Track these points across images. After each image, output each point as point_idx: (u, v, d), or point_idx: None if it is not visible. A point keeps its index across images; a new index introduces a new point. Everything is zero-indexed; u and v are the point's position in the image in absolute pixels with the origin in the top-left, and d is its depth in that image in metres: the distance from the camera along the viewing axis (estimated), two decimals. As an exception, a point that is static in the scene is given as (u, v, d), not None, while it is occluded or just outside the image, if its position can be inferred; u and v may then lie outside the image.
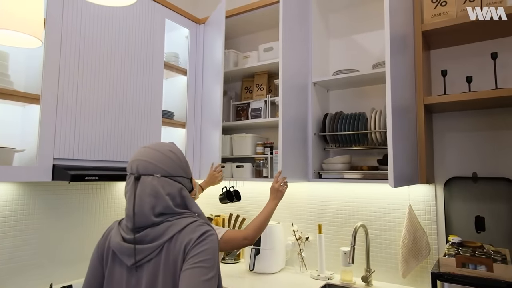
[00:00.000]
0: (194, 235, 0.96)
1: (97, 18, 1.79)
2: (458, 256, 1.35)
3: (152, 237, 0.97)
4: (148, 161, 1.03)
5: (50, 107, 1.58)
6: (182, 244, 0.95)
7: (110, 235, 1.06)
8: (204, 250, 0.94)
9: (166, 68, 2.19)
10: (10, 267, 1.68)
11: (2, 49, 1.59)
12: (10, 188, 1.71)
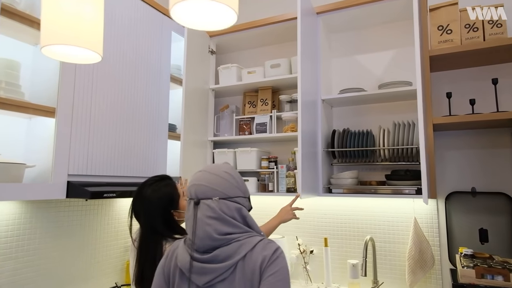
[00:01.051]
0: (267, 253, 0.97)
1: (109, 32, 1.73)
2: (478, 268, 1.44)
3: (224, 256, 0.97)
4: (205, 185, 1.03)
5: (66, 121, 1.50)
6: (257, 262, 0.95)
7: (176, 254, 1.04)
8: (280, 268, 0.96)
9: (171, 81, 2.15)
10: (14, 293, 1.55)
11: (13, 58, 1.49)
12: (13, 206, 1.58)
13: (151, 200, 1.36)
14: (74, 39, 0.82)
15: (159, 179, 1.43)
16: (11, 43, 1.54)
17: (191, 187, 1.05)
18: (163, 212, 1.37)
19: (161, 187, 1.40)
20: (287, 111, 2.33)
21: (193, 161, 2.27)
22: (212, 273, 0.95)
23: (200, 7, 0.70)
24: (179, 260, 1.01)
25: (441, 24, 1.86)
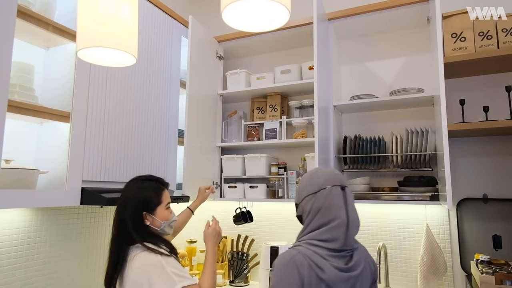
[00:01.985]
0: (371, 259, 1.06)
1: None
2: (497, 274, 1.44)
3: (358, 261, 1.02)
4: (341, 174, 1.15)
5: (80, 126, 1.46)
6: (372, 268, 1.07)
7: (315, 268, 0.97)
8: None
9: (181, 86, 2.13)
10: (24, 304, 1.49)
11: (27, 62, 1.44)
12: (23, 213, 1.52)
13: (127, 198, 1.30)
14: (110, 42, 0.79)
15: (146, 179, 1.36)
16: (22, 46, 1.49)
17: (332, 176, 1.13)
18: (135, 212, 1.28)
19: (142, 186, 1.33)
20: (296, 117, 2.32)
21: (200, 167, 2.24)
22: (360, 281, 1.01)
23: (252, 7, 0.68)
24: (327, 273, 0.96)
25: (454, 32, 1.87)
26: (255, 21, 0.72)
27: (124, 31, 0.83)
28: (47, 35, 1.46)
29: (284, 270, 1.00)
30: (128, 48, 0.82)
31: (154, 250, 1.21)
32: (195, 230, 2.58)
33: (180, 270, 1.22)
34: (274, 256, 2.13)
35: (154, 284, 1.16)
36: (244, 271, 2.35)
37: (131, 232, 1.26)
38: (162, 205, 1.33)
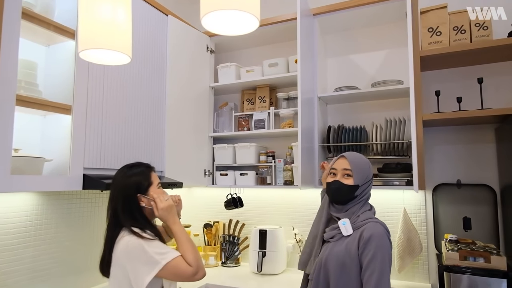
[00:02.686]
0: None
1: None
2: (461, 251, 1.59)
3: None
4: None
5: (81, 118, 1.59)
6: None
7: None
8: None
9: (175, 78, 2.25)
10: (33, 276, 1.65)
11: (30, 59, 1.56)
12: (30, 198, 1.67)
13: (117, 185, 1.36)
14: (108, 44, 0.91)
15: (133, 166, 1.41)
16: (26, 44, 1.61)
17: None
18: (126, 198, 1.33)
19: (131, 173, 1.38)
20: (284, 108, 2.45)
21: (195, 156, 2.38)
22: None
23: (226, 15, 0.81)
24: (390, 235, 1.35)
25: (431, 26, 1.99)
26: (230, 26, 0.85)
27: (119, 34, 0.95)
28: (48, 34, 1.58)
29: (388, 238, 1.27)
30: (123, 49, 0.95)
31: (137, 234, 1.25)
32: (188, 215, 2.74)
33: (163, 248, 1.25)
34: (263, 238, 2.29)
35: (136, 265, 1.21)
36: (235, 253, 2.51)
37: (122, 217, 1.31)
38: (154, 185, 1.39)
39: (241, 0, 0.75)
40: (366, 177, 1.39)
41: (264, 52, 2.67)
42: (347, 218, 1.36)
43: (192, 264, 1.26)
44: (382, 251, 1.22)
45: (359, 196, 1.38)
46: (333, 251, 1.31)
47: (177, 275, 1.24)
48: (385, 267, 1.21)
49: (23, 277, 1.62)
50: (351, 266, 1.25)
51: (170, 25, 2.22)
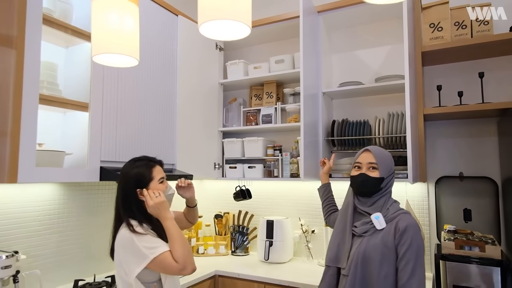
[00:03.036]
0: None
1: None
2: (457, 240, 1.65)
3: None
4: None
5: (97, 115, 1.72)
6: None
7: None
8: None
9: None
10: (57, 260, 1.81)
11: (51, 60, 1.70)
12: (54, 188, 1.82)
13: (122, 175, 1.41)
14: (118, 48, 1.02)
15: (137, 159, 1.45)
16: (47, 47, 1.75)
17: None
18: (126, 189, 1.38)
19: (133, 166, 1.41)
20: (290, 103, 2.53)
21: (205, 149, 2.49)
22: None
23: (222, 23, 0.90)
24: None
25: (432, 22, 2.03)
26: (225, 32, 0.94)
27: (128, 39, 1.06)
28: (67, 37, 1.70)
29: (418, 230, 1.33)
30: (132, 52, 1.06)
31: (130, 228, 1.30)
32: (200, 206, 2.86)
33: (152, 243, 1.28)
34: (270, 229, 2.39)
35: (128, 257, 1.27)
36: (244, 242, 2.62)
37: (121, 210, 1.37)
38: (155, 180, 1.40)
39: (234, 11, 0.84)
40: (390, 170, 1.45)
41: (271, 49, 2.75)
42: (376, 211, 1.40)
43: (178, 261, 1.27)
44: (417, 241, 1.28)
45: (384, 189, 1.43)
46: (369, 244, 1.35)
47: (165, 269, 1.28)
48: (420, 255, 1.27)
49: (48, 260, 1.77)
50: (390, 257, 1.30)
51: (180, 24, 2.32)
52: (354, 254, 1.37)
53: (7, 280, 1.45)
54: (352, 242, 1.43)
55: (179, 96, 2.27)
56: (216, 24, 0.91)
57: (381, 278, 1.29)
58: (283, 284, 2.00)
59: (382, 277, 1.29)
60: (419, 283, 1.24)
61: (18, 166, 1.38)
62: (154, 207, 1.34)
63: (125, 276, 1.30)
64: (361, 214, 1.47)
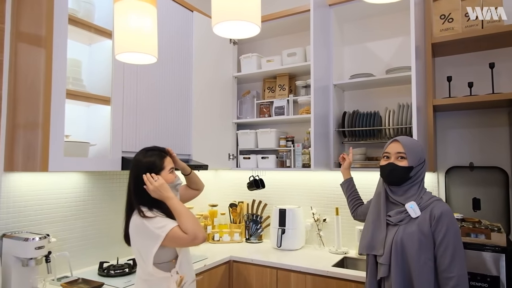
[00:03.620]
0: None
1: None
2: (463, 228, 1.69)
3: None
4: None
5: (118, 108, 1.83)
6: None
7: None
8: None
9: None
10: (83, 244, 1.96)
11: (76, 57, 1.81)
12: (79, 177, 1.95)
13: (134, 163, 1.48)
14: (139, 47, 1.12)
15: (149, 149, 1.52)
16: (71, 44, 1.86)
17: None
18: (136, 178, 1.44)
19: (146, 155, 1.48)
20: (302, 95, 2.59)
21: (219, 141, 2.59)
22: None
23: (233, 23, 0.98)
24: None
25: (443, 13, 2.04)
26: (236, 31, 1.02)
27: (147, 39, 1.15)
28: (90, 35, 1.82)
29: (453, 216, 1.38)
30: (151, 51, 1.15)
31: (141, 213, 1.39)
32: (215, 196, 2.98)
33: (161, 222, 1.36)
34: (282, 217, 2.47)
35: (143, 240, 1.36)
36: (258, 230, 2.72)
37: (132, 195, 1.45)
38: (166, 170, 1.48)
39: (245, 12, 0.91)
40: (419, 159, 1.48)
41: (283, 42, 2.81)
42: (409, 201, 1.43)
43: (188, 232, 1.34)
44: (454, 226, 1.33)
45: (413, 178, 1.47)
46: (406, 233, 1.39)
47: (178, 242, 1.37)
48: (458, 240, 1.32)
49: (75, 244, 1.92)
50: (427, 244, 1.34)
51: (195, 20, 2.41)
52: (391, 243, 1.41)
53: (40, 260, 1.59)
54: (387, 231, 1.46)
55: (195, 89, 2.37)
56: (228, 24, 0.98)
57: (421, 264, 1.33)
58: (294, 269, 2.09)
59: (422, 263, 1.33)
60: (460, 267, 1.28)
61: (49, 156, 1.51)
62: (154, 190, 1.41)
63: (143, 264, 1.39)
64: (393, 203, 1.50)
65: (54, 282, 1.70)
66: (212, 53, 2.55)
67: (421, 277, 1.33)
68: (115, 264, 1.95)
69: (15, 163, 1.61)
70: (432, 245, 1.34)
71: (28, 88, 1.59)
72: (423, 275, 1.33)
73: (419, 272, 1.33)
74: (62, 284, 1.68)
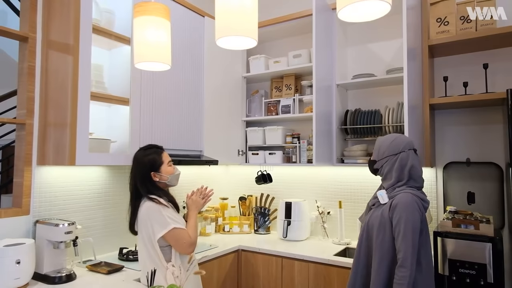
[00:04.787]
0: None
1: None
2: (454, 219, 1.81)
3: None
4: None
5: (136, 108, 2.01)
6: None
7: (422, 201, 1.56)
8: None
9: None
10: (104, 231, 2.16)
11: (98, 62, 2.01)
12: (100, 171, 2.15)
13: (137, 162, 1.68)
14: (155, 57, 1.29)
15: (147, 148, 1.72)
16: (93, 50, 2.05)
17: (408, 142, 1.63)
18: (143, 173, 1.64)
19: (145, 154, 1.68)
20: (308, 94, 2.72)
21: (229, 137, 2.76)
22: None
23: (234, 37, 1.14)
24: (426, 202, 1.58)
25: (439, 17, 2.15)
26: (237, 43, 1.18)
27: (162, 49, 1.32)
28: (110, 42, 2.00)
29: (414, 206, 1.51)
30: (165, 60, 1.32)
31: (154, 200, 1.59)
32: (226, 189, 3.15)
33: (175, 216, 1.58)
34: (288, 209, 2.63)
35: (153, 223, 1.54)
36: (266, 223, 2.89)
37: (141, 189, 1.64)
38: (165, 164, 1.69)
39: (243, 28, 1.07)
40: (382, 154, 1.67)
41: (289, 44, 2.95)
42: (383, 190, 1.65)
43: (191, 237, 1.58)
44: (406, 215, 1.49)
45: (381, 170, 1.69)
46: (373, 216, 1.63)
47: (178, 240, 1.55)
48: (407, 228, 1.47)
49: (97, 231, 2.12)
50: (385, 227, 1.54)
51: (206, 25, 2.57)
52: (363, 223, 1.68)
53: (69, 243, 1.79)
54: (368, 214, 1.71)
55: (206, 89, 2.54)
56: (229, 38, 1.14)
57: (378, 243, 1.55)
58: (298, 257, 2.25)
59: (379, 242, 1.54)
60: (405, 250, 1.46)
61: (76, 152, 1.71)
62: (194, 201, 1.71)
63: (151, 248, 1.57)
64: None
65: (80, 265, 1.91)
66: (223, 55, 2.71)
67: (376, 253, 1.55)
68: (133, 250, 2.15)
69: (46, 157, 1.82)
70: (390, 228, 1.53)
71: (57, 91, 1.79)
72: (378, 252, 1.54)
73: (375, 248, 1.56)
74: (87, 266, 1.89)
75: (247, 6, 1.06)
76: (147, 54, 1.29)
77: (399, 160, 1.62)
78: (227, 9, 1.05)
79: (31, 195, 1.83)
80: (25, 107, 1.81)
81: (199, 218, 2.57)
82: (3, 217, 1.73)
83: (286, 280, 2.28)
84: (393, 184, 1.63)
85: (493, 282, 1.64)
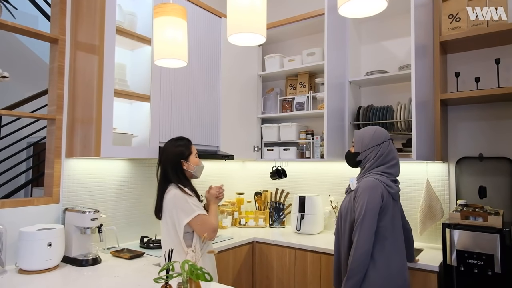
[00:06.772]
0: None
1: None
2: (462, 211, 1.84)
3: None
4: None
5: (156, 104, 2.14)
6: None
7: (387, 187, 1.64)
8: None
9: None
10: (127, 221, 2.30)
11: (121, 62, 2.14)
12: (123, 163, 2.29)
13: (167, 152, 1.78)
14: (173, 54, 1.40)
15: (178, 139, 1.83)
16: (117, 50, 2.19)
17: (386, 134, 1.73)
18: (173, 161, 1.75)
19: (177, 144, 1.79)
20: (321, 92, 2.79)
21: (245, 134, 2.85)
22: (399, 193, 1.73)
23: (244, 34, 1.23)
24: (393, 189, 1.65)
25: (451, 13, 2.17)
26: (248, 39, 1.27)
27: (179, 47, 1.43)
28: (132, 42, 2.14)
29: (373, 190, 1.60)
30: (182, 57, 1.42)
31: (181, 189, 1.70)
32: (242, 185, 3.25)
33: (199, 204, 1.71)
34: (302, 204, 2.70)
35: (178, 211, 1.65)
36: (280, 217, 2.96)
37: (170, 175, 1.74)
38: (193, 155, 1.82)
39: (253, 25, 1.16)
40: (366, 145, 1.73)
41: (303, 42, 3.02)
42: (354, 177, 1.76)
43: (214, 224, 1.71)
44: (363, 199, 1.60)
45: (364, 161, 1.74)
46: (345, 201, 1.77)
47: (203, 225, 1.66)
48: (362, 212, 1.58)
49: (120, 221, 2.26)
50: (351, 212, 1.67)
51: (223, 25, 2.68)
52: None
53: (94, 229, 1.93)
54: None
55: (223, 87, 2.64)
56: (240, 35, 1.23)
57: (346, 227, 1.69)
58: (310, 249, 2.32)
59: (347, 226, 1.68)
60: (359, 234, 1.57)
61: (101, 145, 1.84)
62: (213, 195, 1.82)
63: (174, 234, 1.68)
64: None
65: (104, 251, 2.05)
66: (239, 54, 2.81)
67: (344, 237, 1.69)
68: (154, 239, 2.27)
69: (74, 150, 1.97)
70: (353, 213, 1.64)
71: (84, 89, 1.93)
72: (345, 235, 1.68)
73: (343, 232, 1.70)
74: (111, 252, 2.02)
75: (256, 5, 1.15)
76: (166, 51, 1.40)
77: (381, 149, 1.71)
78: (237, 8, 1.15)
79: (61, 185, 1.98)
80: (55, 103, 1.96)
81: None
82: (36, 204, 1.88)
83: (299, 271, 2.36)
84: (366, 171, 1.72)
85: (500, 272, 1.66)
